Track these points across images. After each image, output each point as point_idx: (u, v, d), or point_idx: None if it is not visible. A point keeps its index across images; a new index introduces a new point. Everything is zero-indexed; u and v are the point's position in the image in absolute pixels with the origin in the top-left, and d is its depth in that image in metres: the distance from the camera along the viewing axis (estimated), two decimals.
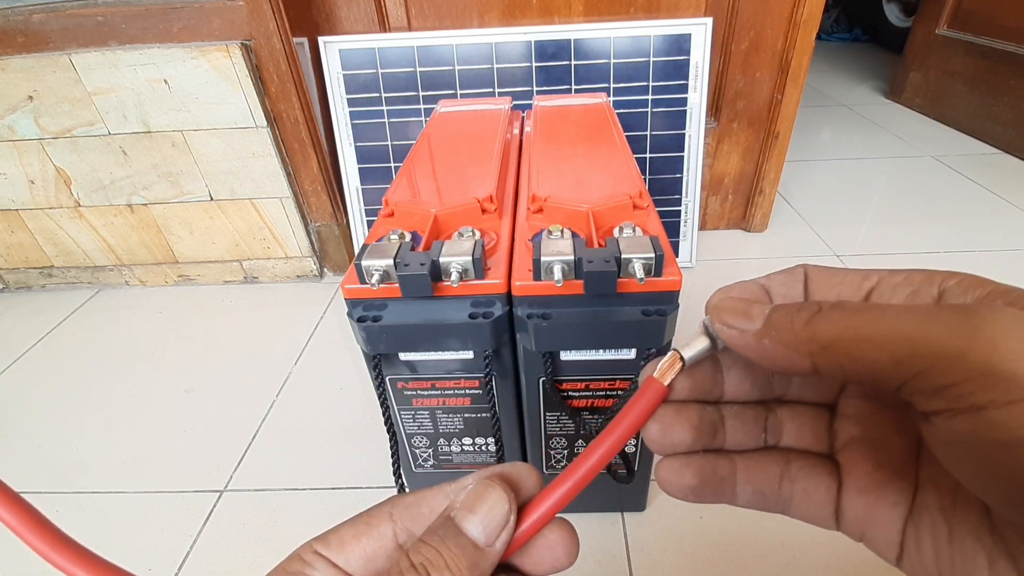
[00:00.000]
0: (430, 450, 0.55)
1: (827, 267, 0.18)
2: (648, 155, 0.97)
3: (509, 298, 0.44)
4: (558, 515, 0.17)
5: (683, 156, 0.97)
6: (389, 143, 0.97)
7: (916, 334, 0.12)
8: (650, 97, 0.93)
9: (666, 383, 0.17)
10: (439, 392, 0.50)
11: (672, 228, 1.02)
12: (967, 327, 0.11)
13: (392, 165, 0.98)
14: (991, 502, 0.13)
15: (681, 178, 0.99)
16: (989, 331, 0.11)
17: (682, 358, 0.17)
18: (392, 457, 0.52)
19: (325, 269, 1.10)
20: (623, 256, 0.39)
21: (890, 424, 0.17)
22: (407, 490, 0.42)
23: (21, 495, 0.14)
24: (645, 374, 0.18)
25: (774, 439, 0.19)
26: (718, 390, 0.19)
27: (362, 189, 1.01)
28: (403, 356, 0.46)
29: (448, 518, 0.16)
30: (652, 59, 0.91)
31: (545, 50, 0.91)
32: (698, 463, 0.18)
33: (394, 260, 0.41)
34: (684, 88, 0.92)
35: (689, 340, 0.18)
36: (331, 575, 0.16)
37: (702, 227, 1.14)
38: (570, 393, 0.49)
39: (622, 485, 0.53)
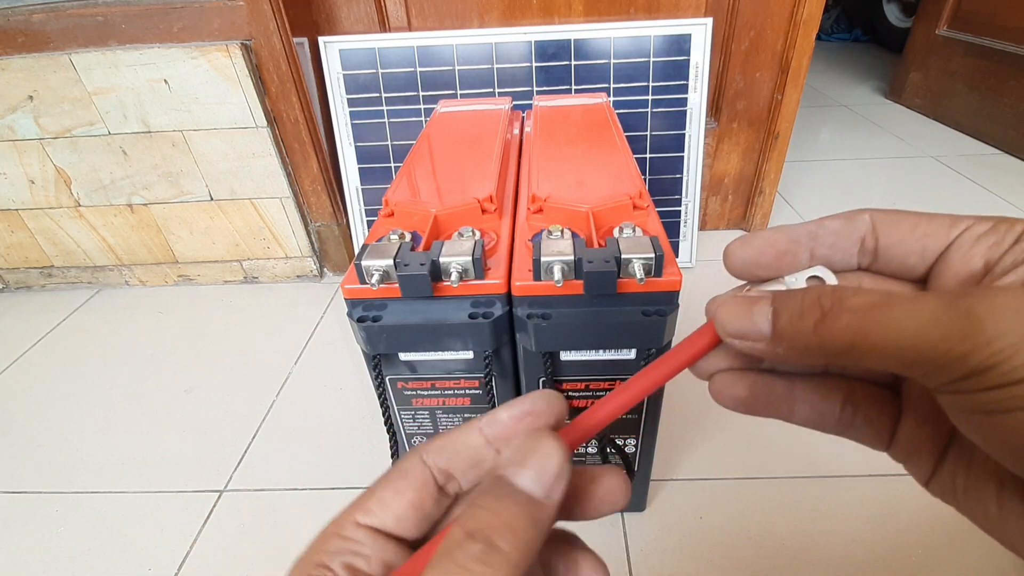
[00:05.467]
0: None
1: (903, 215, 0.16)
2: (648, 155, 0.97)
3: (509, 298, 0.44)
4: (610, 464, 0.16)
5: (683, 156, 0.97)
6: (389, 143, 0.97)
7: (920, 342, 0.13)
8: (650, 97, 0.93)
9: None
10: (439, 392, 0.50)
11: (672, 228, 1.02)
12: (967, 331, 0.12)
13: (392, 165, 0.98)
14: (1001, 461, 0.14)
15: (681, 178, 0.99)
16: (988, 331, 0.12)
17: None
18: (392, 457, 0.52)
19: (325, 269, 1.10)
20: (623, 256, 0.39)
21: None
22: None
23: None
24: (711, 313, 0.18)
25: (838, 368, 0.19)
26: None
27: (362, 189, 1.01)
28: (403, 356, 0.46)
29: (499, 477, 0.15)
30: (652, 59, 0.91)
31: (545, 50, 0.91)
32: (752, 378, 0.18)
33: (394, 260, 0.41)
34: (684, 88, 0.92)
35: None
36: (381, 546, 0.16)
37: (702, 227, 1.14)
38: (570, 393, 0.49)
39: None
